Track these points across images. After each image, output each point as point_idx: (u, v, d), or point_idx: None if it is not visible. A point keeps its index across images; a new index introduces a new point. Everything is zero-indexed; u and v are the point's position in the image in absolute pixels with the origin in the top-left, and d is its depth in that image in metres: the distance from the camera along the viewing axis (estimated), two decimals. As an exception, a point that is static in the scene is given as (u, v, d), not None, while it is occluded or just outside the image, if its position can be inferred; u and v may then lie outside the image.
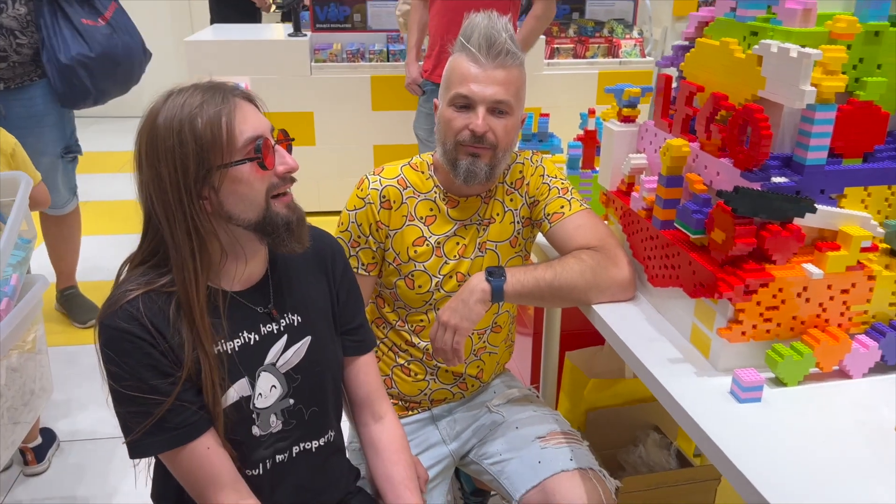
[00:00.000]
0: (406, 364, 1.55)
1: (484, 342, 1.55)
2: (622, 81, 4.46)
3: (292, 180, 1.12)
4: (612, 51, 4.25)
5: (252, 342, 1.15)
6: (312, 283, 1.25)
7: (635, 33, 4.40)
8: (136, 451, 1.08)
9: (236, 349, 1.13)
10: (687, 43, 1.40)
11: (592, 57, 4.24)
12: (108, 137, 6.19)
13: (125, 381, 1.05)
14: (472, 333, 1.51)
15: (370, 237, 1.47)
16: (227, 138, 1.03)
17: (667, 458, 1.82)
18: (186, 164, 1.01)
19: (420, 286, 1.47)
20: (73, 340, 2.86)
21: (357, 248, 1.48)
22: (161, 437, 1.06)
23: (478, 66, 1.35)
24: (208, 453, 1.09)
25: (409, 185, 1.48)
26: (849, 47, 1.10)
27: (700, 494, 1.75)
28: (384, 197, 1.46)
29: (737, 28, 1.24)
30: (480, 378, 1.60)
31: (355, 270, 1.47)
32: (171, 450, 1.08)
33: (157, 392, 1.05)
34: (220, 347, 1.11)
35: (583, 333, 1.83)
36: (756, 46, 1.12)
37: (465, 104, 1.37)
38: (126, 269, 1.13)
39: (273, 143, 1.09)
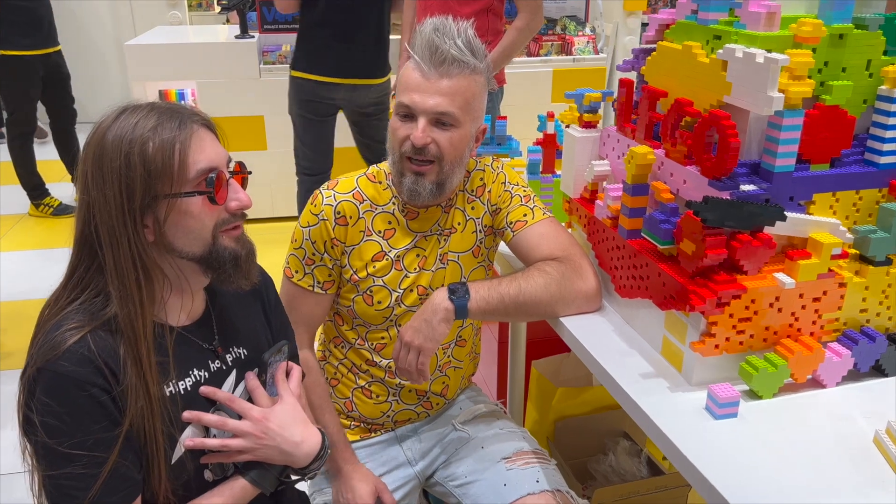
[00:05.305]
0: (367, 385, 1.48)
1: (449, 357, 1.50)
2: (576, 78, 4.41)
3: (244, 216, 1.07)
4: (565, 48, 4.23)
5: (203, 380, 1.08)
6: (251, 313, 1.21)
7: (588, 30, 4.39)
8: None
9: (188, 388, 1.06)
10: (648, 46, 1.36)
11: (546, 55, 4.21)
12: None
13: (68, 438, 0.92)
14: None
15: (325, 254, 1.40)
16: (179, 167, 0.96)
17: (637, 465, 1.79)
18: (133, 188, 0.94)
19: (379, 302, 1.41)
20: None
21: (312, 266, 1.40)
22: (113, 499, 0.96)
23: (421, 75, 1.28)
24: None
25: (365, 198, 1.41)
26: (814, 51, 1.08)
27: (672, 501, 1.73)
28: (339, 213, 1.39)
29: (699, 31, 1.21)
30: (445, 395, 1.54)
31: (311, 289, 1.41)
32: None
33: (103, 447, 0.94)
34: (170, 388, 1.03)
35: (548, 341, 1.79)
36: (720, 51, 1.09)
37: (407, 114, 1.31)
38: (48, 311, 1.00)
39: (228, 177, 1.03)
